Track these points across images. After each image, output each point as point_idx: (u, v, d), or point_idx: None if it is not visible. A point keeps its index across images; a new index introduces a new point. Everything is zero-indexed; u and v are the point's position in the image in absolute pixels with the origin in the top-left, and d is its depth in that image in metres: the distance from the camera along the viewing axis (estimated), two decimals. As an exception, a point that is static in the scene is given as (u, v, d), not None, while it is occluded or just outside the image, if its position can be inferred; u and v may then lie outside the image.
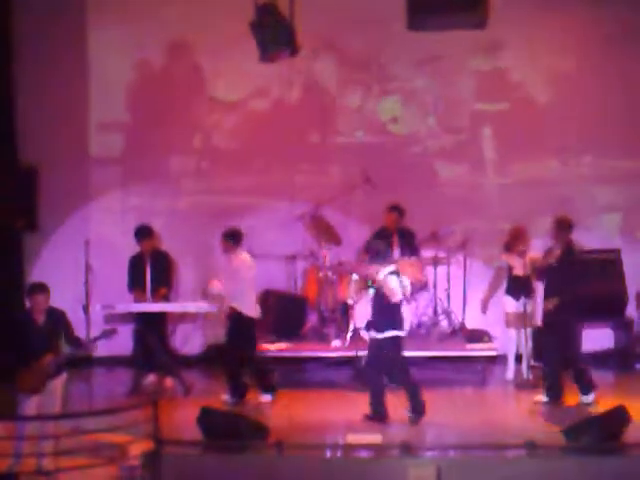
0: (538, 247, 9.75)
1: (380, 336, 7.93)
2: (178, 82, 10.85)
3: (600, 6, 10.33)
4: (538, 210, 10.46)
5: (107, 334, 7.16)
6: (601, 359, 10.12)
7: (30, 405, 6.92)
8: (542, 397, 8.40)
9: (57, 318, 7.11)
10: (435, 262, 10.17)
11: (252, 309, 8.81)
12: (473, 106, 10.75)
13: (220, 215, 10.68)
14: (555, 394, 8.35)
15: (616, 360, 10.05)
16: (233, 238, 8.77)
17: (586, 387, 8.35)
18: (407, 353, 9.57)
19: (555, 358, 8.41)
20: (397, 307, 7.96)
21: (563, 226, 8.53)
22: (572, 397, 8.49)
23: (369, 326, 8.10)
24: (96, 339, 7.33)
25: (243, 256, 8.80)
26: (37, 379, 6.90)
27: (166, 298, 9.49)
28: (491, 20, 8.30)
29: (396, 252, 10.00)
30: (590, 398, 8.32)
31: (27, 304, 7.27)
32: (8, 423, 6.90)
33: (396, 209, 10.01)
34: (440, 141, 10.77)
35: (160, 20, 10.66)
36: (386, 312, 7.92)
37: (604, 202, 10.61)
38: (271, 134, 10.73)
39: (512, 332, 9.38)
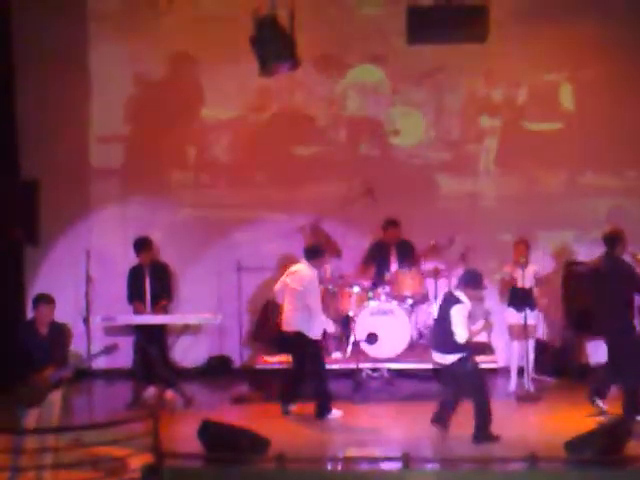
0: (538, 260, 9.80)
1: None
2: (178, 95, 10.85)
3: (601, 19, 10.34)
4: (539, 223, 10.47)
5: (108, 350, 7.14)
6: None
7: (29, 418, 6.90)
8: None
9: (60, 333, 7.09)
10: (435, 274, 10.16)
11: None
12: (474, 119, 10.77)
13: (220, 227, 10.69)
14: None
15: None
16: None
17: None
18: (408, 365, 9.61)
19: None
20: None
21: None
22: (575, 410, 8.47)
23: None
24: (96, 355, 7.30)
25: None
26: (37, 392, 6.87)
27: (166, 310, 9.48)
28: (492, 34, 8.31)
29: (394, 265, 10.01)
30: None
31: (31, 315, 7.25)
32: (7, 436, 6.86)
33: (392, 223, 10.02)
34: (441, 154, 10.78)
35: (160, 34, 10.69)
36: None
37: (605, 215, 10.59)
38: (271, 147, 10.74)
39: (515, 344, 9.36)
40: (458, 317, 7.69)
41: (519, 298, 9.26)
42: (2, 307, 9.88)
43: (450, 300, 7.84)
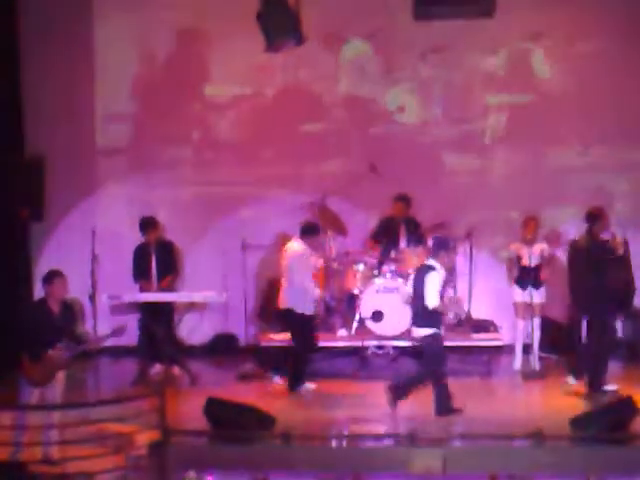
0: (544, 237, 9.77)
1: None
2: (183, 72, 10.82)
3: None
4: (545, 200, 10.44)
5: (116, 332, 7.17)
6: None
7: (33, 395, 6.91)
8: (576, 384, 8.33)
9: (72, 310, 7.10)
10: (441, 252, 10.12)
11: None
12: (480, 95, 10.70)
13: (225, 205, 10.69)
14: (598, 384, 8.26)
15: (623, 351, 10.02)
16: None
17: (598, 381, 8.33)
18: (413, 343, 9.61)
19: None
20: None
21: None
22: (580, 388, 8.48)
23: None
24: (106, 337, 7.31)
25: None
26: (47, 372, 6.87)
27: (172, 287, 9.48)
28: (498, 8, 8.25)
29: (403, 242, 9.99)
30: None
31: (39, 293, 7.24)
32: (14, 412, 6.88)
33: (403, 199, 9.98)
34: (447, 131, 10.73)
35: (165, 10, 10.64)
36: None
37: (611, 192, 10.55)
38: (277, 124, 10.71)
39: (520, 322, 9.36)
40: (431, 284, 7.71)
41: (524, 276, 9.24)
42: (9, 285, 9.90)
43: (423, 270, 7.85)
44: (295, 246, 8.75)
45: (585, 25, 10.46)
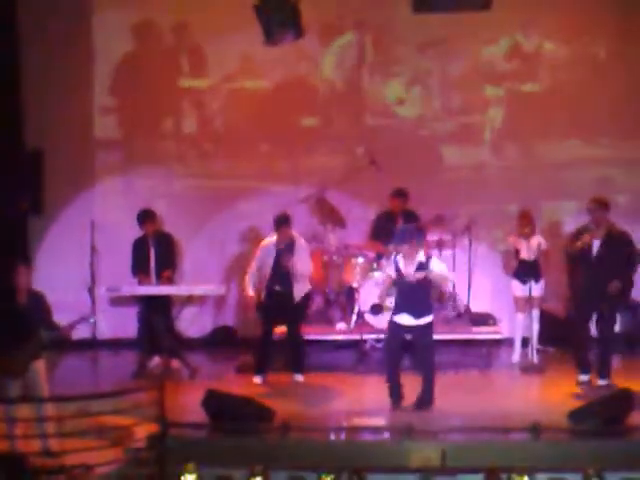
0: (543, 230, 9.79)
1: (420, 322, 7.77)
2: (182, 64, 10.81)
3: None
4: (544, 193, 10.44)
5: (84, 319, 7.13)
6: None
7: (14, 388, 6.90)
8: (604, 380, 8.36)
9: (37, 300, 7.05)
10: (440, 245, 10.15)
11: None
12: (478, 89, 10.69)
13: (224, 198, 10.69)
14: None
15: (622, 344, 10.03)
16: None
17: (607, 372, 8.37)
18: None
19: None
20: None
21: (602, 207, 8.37)
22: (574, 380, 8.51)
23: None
24: (74, 324, 7.25)
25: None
26: (20, 363, 6.85)
27: (171, 280, 9.49)
28: (496, 1, 8.24)
29: (401, 236, 9.98)
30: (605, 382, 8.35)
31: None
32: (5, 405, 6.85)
33: (401, 194, 9.97)
34: (446, 124, 10.73)
35: (163, 2, 10.62)
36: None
37: (610, 185, 10.56)
38: (275, 117, 10.70)
39: (520, 316, 9.37)
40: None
41: (524, 270, 9.24)
42: (7, 278, 9.88)
43: None
44: (267, 239, 8.87)
45: (584, 20, 10.45)
